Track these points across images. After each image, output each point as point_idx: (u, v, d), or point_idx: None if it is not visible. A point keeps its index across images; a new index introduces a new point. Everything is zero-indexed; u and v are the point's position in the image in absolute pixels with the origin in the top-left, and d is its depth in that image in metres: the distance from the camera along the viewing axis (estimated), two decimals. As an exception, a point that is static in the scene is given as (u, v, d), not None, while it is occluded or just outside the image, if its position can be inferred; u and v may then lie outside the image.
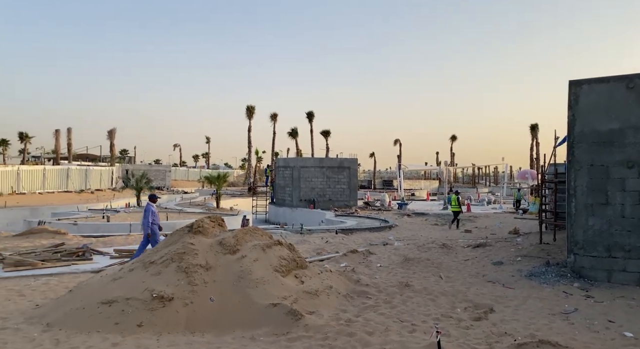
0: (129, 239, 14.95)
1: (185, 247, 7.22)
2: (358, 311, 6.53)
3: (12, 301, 7.18)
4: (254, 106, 55.22)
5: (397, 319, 6.16)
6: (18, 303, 7.03)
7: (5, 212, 24.53)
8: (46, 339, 5.19)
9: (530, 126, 64.24)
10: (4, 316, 6.23)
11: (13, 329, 5.63)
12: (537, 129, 63.70)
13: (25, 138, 56.97)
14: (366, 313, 6.39)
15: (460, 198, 21.69)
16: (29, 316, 6.20)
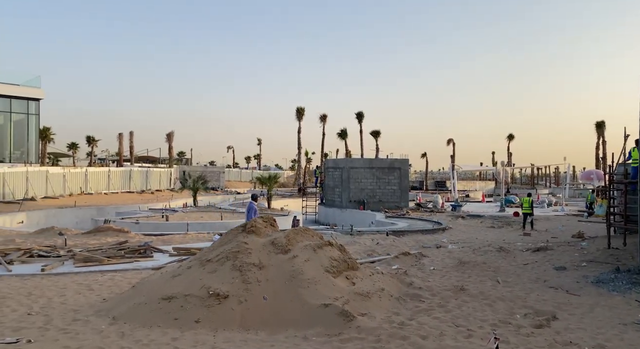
0: (187, 237, 15.58)
1: (239, 247, 7.41)
2: (411, 314, 6.41)
3: (82, 294, 7.69)
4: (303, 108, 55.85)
5: (452, 323, 5.98)
6: (87, 297, 7.52)
7: (75, 211, 26.34)
8: (113, 332, 5.51)
9: (595, 124, 60.35)
10: (75, 308, 6.69)
11: (83, 320, 6.02)
12: (603, 126, 59.71)
13: (92, 142, 60.98)
14: (419, 317, 6.26)
15: (533, 200, 20.86)
16: (97, 309, 6.60)
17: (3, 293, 7.70)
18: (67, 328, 5.68)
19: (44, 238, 14.83)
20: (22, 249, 11.57)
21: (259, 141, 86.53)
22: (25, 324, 5.85)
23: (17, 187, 27.36)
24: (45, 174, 30.52)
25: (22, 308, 6.73)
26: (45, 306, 6.85)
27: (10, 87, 34.55)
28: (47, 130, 48.94)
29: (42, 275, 9.33)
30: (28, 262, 10.54)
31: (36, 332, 5.50)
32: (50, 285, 8.41)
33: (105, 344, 5.06)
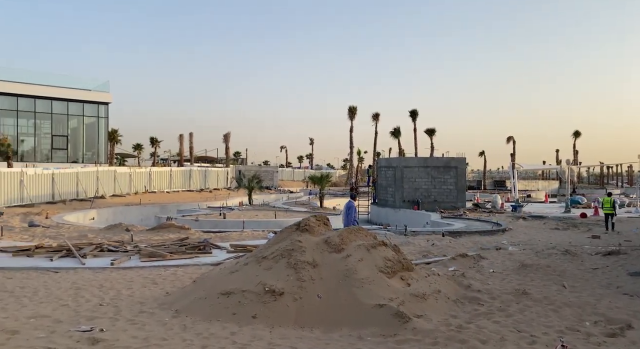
0: (243, 235, 16.02)
1: (293, 245, 7.51)
2: (469, 317, 6.20)
3: (147, 288, 8.13)
4: (355, 107, 55.67)
5: (513, 328, 5.72)
6: (152, 290, 7.93)
7: (140, 208, 27.91)
8: (175, 325, 5.77)
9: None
10: (141, 300, 7.08)
11: (149, 313, 6.36)
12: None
13: (155, 143, 64.27)
14: (478, 320, 6.04)
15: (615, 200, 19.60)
16: (161, 302, 6.95)
17: (78, 284, 8.31)
18: (135, 319, 6.02)
19: (113, 234, 15.82)
20: (94, 244, 12.42)
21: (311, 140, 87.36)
22: (97, 314, 6.27)
23: (88, 185, 29.42)
24: (114, 174, 32.57)
25: (94, 299, 7.22)
26: (115, 297, 7.30)
27: (83, 93, 37.24)
28: (115, 132, 52.21)
29: (112, 268, 9.95)
30: (99, 256, 11.29)
31: (107, 322, 5.87)
32: (119, 278, 8.96)
33: (168, 336, 5.31)
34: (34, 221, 18.36)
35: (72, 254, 11.01)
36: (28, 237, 14.84)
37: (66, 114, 36.89)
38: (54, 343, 4.94)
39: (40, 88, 34.79)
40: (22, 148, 35.25)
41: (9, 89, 33.22)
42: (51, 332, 5.38)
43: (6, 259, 10.67)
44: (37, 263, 10.32)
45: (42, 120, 36.08)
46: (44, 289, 7.85)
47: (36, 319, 5.95)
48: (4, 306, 6.67)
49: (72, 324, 5.74)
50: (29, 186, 24.76)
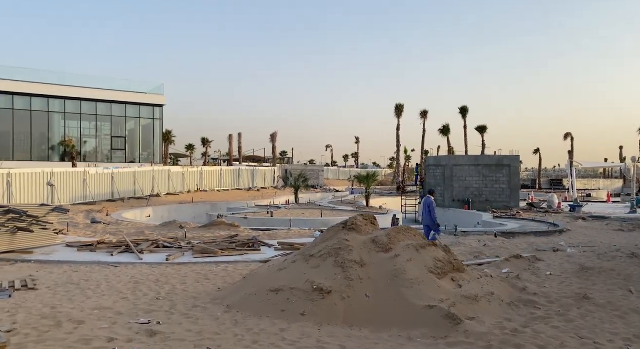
0: (290, 233, 16.22)
1: (340, 243, 7.51)
2: (525, 321, 5.94)
3: (200, 283, 8.41)
4: (403, 104, 54.76)
5: (574, 334, 5.42)
6: (205, 285, 8.20)
7: (193, 206, 28.94)
8: (227, 320, 5.94)
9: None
10: (195, 295, 7.33)
11: (202, 307, 6.58)
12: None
13: (206, 143, 66.48)
14: (535, 325, 5.77)
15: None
16: (213, 297, 7.17)
17: (136, 278, 8.73)
18: (189, 313, 6.25)
19: (168, 231, 16.50)
20: (150, 240, 13.02)
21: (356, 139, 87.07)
22: (154, 307, 6.57)
23: (145, 184, 30.87)
24: (168, 173, 33.98)
25: (151, 293, 7.56)
26: (170, 292, 7.61)
27: (139, 96, 39.12)
28: (169, 133, 54.47)
29: (167, 264, 10.38)
30: (155, 252, 11.81)
31: (163, 315, 6.13)
32: (173, 273, 9.33)
33: (221, 330, 5.46)
34: (95, 218, 19.50)
35: (130, 249, 11.59)
36: (91, 233, 15.79)
37: (124, 117, 38.91)
38: (116, 334, 5.22)
39: (101, 92, 36.91)
40: (85, 149, 37.54)
41: (74, 93, 35.51)
42: (113, 323, 5.69)
43: (73, 254, 11.40)
44: (99, 257, 10.96)
45: (102, 122, 38.25)
46: (105, 283, 8.32)
47: (99, 310, 6.32)
48: (71, 298, 7.13)
49: (131, 316, 6.05)
50: (91, 185, 26.34)
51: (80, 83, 36.26)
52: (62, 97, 35.29)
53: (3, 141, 33.42)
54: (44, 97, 34.52)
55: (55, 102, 35.25)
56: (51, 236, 12.44)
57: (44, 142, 35.60)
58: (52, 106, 35.23)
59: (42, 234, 11.94)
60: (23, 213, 11.50)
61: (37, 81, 34.22)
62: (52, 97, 34.82)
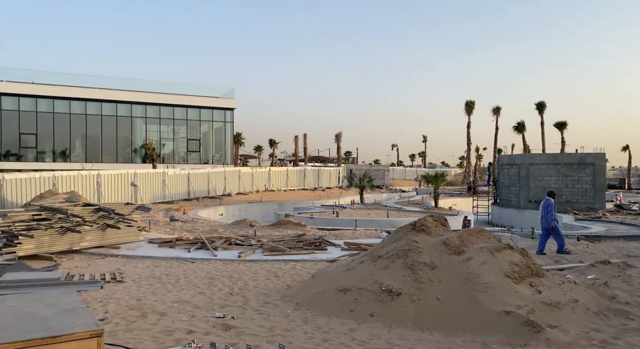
0: (356, 233, 16.19)
1: (409, 245, 7.37)
2: (616, 332, 5.45)
3: (270, 280, 8.65)
4: (473, 101, 52.60)
5: (675, 352, 4.89)
6: (274, 283, 8.42)
7: (261, 205, 29.87)
8: (297, 317, 6.06)
9: None
10: (266, 292, 7.56)
11: (273, 304, 6.77)
12: None
13: (273, 144, 68.28)
14: (628, 336, 5.28)
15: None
16: (283, 294, 7.34)
17: (211, 274, 9.18)
18: (261, 309, 6.46)
19: (239, 229, 17.16)
20: (224, 238, 13.61)
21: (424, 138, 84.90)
22: (229, 302, 6.86)
23: (217, 184, 32.38)
24: (238, 174, 35.38)
25: (225, 288, 7.90)
26: (243, 288, 7.91)
27: (212, 100, 41.14)
28: (239, 135, 56.63)
29: (239, 261, 10.80)
30: (228, 249, 12.34)
31: (237, 310, 6.39)
32: (245, 270, 9.69)
33: (291, 327, 5.58)
34: (174, 216, 20.76)
35: (205, 246, 12.21)
36: (170, 230, 16.83)
37: (198, 120, 41.10)
38: (194, 327, 5.52)
39: (178, 97, 39.31)
40: (163, 151, 40.15)
41: (154, 99, 38.17)
42: (191, 316, 6.02)
43: (154, 249, 12.23)
44: (177, 253, 11.65)
45: (179, 126, 40.69)
46: (184, 277, 8.83)
47: (179, 303, 6.72)
48: (154, 291, 7.65)
49: (208, 310, 6.37)
50: (169, 185, 28.10)
51: (159, 89, 38.92)
52: (144, 103, 38.07)
53: (93, 144, 36.66)
54: (128, 104, 37.43)
55: (137, 108, 38.09)
56: (135, 232, 13.42)
57: (127, 145, 38.55)
58: (135, 111, 38.09)
59: (127, 230, 12.93)
60: (111, 211, 12.52)
61: (122, 89, 37.17)
62: (135, 103, 37.67)
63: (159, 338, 5.08)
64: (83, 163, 32.96)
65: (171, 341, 4.97)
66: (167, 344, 4.88)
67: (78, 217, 11.62)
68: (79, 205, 12.63)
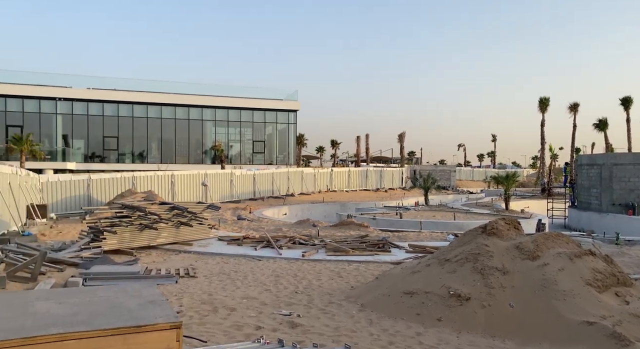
0: (420, 235, 15.84)
1: (479, 248, 7.09)
2: None
3: (334, 280, 8.70)
4: (548, 98, 49.43)
5: None
6: (338, 283, 8.46)
7: (323, 206, 30.14)
8: (362, 318, 6.04)
9: None
10: (330, 292, 7.61)
11: (337, 304, 6.80)
12: None
13: (335, 145, 68.60)
14: None
15: None
16: (347, 295, 7.35)
17: (277, 272, 9.40)
18: (325, 308, 6.51)
19: (302, 228, 17.44)
20: (288, 237, 13.89)
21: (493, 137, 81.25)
22: (294, 300, 6.99)
23: (281, 184, 33.14)
24: (301, 174, 35.98)
25: (290, 286, 8.06)
26: (307, 287, 8.02)
27: (276, 102, 42.21)
28: (302, 136, 57.54)
29: (303, 260, 10.97)
30: (292, 248, 12.58)
31: (302, 309, 6.49)
32: (309, 269, 9.82)
33: (357, 328, 5.58)
34: (241, 215, 21.53)
35: (271, 245, 12.53)
36: (237, 228, 17.47)
37: (263, 122, 42.33)
38: (262, 323, 5.69)
39: (245, 101, 40.78)
40: (231, 152, 41.78)
41: (223, 103, 39.93)
42: (259, 312, 6.21)
43: (223, 247, 12.76)
44: (245, 251, 12.06)
45: (245, 128, 42.17)
46: (251, 274, 9.12)
47: (247, 300, 6.95)
48: (224, 286, 7.98)
49: (274, 307, 6.53)
50: (236, 185, 29.21)
51: (228, 93, 40.62)
52: (214, 107, 39.91)
53: (167, 146, 38.98)
54: (199, 108, 39.44)
55: (207, 112, 39.99)
56: (206, 230, 14.08)
57: (198, 147, 40.56)
58: (205, 114, 40.02)
59: (199, 228, 13.60)
60: (185, 210, 13.24)
61: (194, 93, 39.23)
62: (205, 107, 39.61)
63: (229, 332, 5.29)
64: (159, 164, 35.16)
65: (241, 336, 5.16)
66: (237, 338, 5.06)
67: (155, 215, 12.41)
68: (155, 203, 13.48)
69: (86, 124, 36.24)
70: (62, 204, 21.15)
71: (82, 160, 36.10)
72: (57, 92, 35.16)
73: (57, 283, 7.74)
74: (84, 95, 35.99)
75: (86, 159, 36.55)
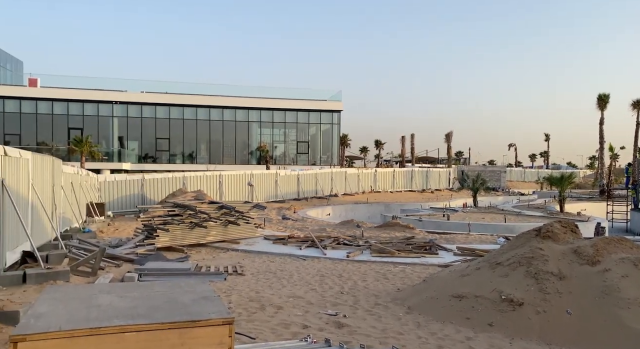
0: (469, 238, 15.39)
1: (533, 252, 6.81)
2: None
3: (380, 282, 8.62)
4: (607, 94, 46.64)
5: None
6: (384, 284, 8.37)
7: (367, 206, 29.96)
8: (410, 321, 5.94)
9: None
10: (375, 293, 7.55)
11: (383, 306, 6.73)
12: None
13: (379, 145, 68.05)
14: None
15: None
16: (393, 297, 7.26)
17: (322, 272, 9.44)
18: (372, 310, 6.46)
19: (346, 229, 17.41)
20: (332, 237, 13.92)
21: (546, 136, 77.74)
22: (340, 301, 6.99)
23: (325, 185, 33.26)
24: (344, 174, 35.94)
25: (336, 286, 8.06)
26: (353, 288, 7.99)
27: (320, 103, 42.45)
28: (345, 136, 57.56)
29: (347, 261, 10.95)
30: (336, 248, 12.58)
31: (348, 309, 6.47)
32: (354, 270, 9.79)
33: (404, 331, 5.50)
34: (285, 215, 21.81)
35: (315, 245, 12.60)
36: (282, 228, 17.71)
37: (307, 123, 42.68)
38: (309, 322, 5.73)
39: (289, 102, 41.32)
40: (275, 153, 42.44)
41: (268, 104, 40.69)
42: (305, 311, 6.25)
43: (269, 246, 12.97)
44: (290, 250, 12.20)
45: (289, 129, 42.70)
46: (296, 274, 9.21)
47: (293, 298, 7.03)
48: (270, 285, 8.11)
49: (320, 307, 6.56)
50: (281, 185, 29.62)
51: (273, 95, 41.33)
52: (259, 108, 40.72)
53: (215, 147, 40.16)
54: (245, 109, 40.37)
55: (253, 113, 40.86)
56: (253, 229, 14.37)
57: (244, 147, 41.52)
58: (251, 116, 40.91)
59: (246, 227, 13.90)
60: (232, 209, 13.57)
61: (240, 95, 40.18)
62: (251, 108, 40.48)
63: (277, 330, 5.36)
64: (207, 164, 36.31)
65: (288, 334, 5.22)
66: (284, 336, 5.13)
67: (205, 214, 12.81)
68: (205, 202, 13.92)
69: (140, 126, 38.01)
70: (118, 202, 22.31)
71: (136, 161, 37.91)
72: (113, 96, 37.14)
73: (115, 278, 8.16)
74: (138, 98, 37.79)
75: (140, 159, 38.33)
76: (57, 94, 35.63)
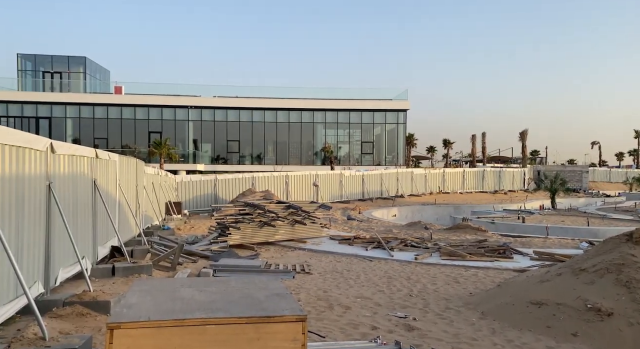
0: (547, 242, 14.46)
1: (623, 259, 6.26)
2: None
3: (450, 285, 8.34)
4: None
5: None
6: (455, 288, 8.09)
7: (435, 208, 29.12)
8: (484, 326, 5.69)
9: None
10: (446, 297, 7.32)
11: (455, 310, 6.51)
12: None
13: (448, 144, 65.86)
14: None
15: None
16: (465, 301, 6.99)
17: (389, 273, 9.32)
18: (442, 314, 6.27)
19: (413, 231, 17.05)
20: (399, 239, 13.70)
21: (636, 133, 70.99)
22: (409, 303, 6.86)
23: (390, 185, 32.83)
24: (411, 175, 35.23)
25: (404, 289, 7.93)
26: (422, 291, 7.81)
27: (385, 102, 41.98)
28: (411, 136, 56.37)
29: (415, 263, 10.72)
30: (404, 250, 12.36)
31: (418, 312, 6.34)
32: (422, 272, 9.56)
33: (478, 336, 5.28)
34: (350, 215, 21.82)
35: (381, 246, 12.47)
36: (347, 228, 17.73)
37: (372, 123, 42.39)
38: (377, 323, 5.68)
39: (353, 102, 41.31)
40: (339, 154, 42.61)
41: (332, 105, 40.98)
42: (374, 313, 6.21)
43: (335, 246, 13.05)
44: (356, 251, 12.19)
45: (353, 129, 42.65)
46: (363, 274, 9.18)
47: (361, 299, 7.00)
48: (337, 284, 8.15)
49: (389, 308, 6.48)
50: (345, 185, 29.68)
51: (337, 96, 41.59)
52: (324, 110, 41.15)
53: (282, 149, 41.15)
54: (310, 111, 40.97)
55: (318, 115, 41.35)
56: (319, 229, 14.54)
57: (309, 148, 42.11)
58: (316, 117, 41.43)
59: (312, 226, 14.09)
60: (299, 208, 13.83)
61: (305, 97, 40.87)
62: (316, 110, 41.02)
63: (346, 330, 5.38)
64: (274, 165, 37.29)
65: (357, 335, 5.21)
66: (354, 336, 5.13)
67: (273, 213, 13.16)
68: (273, 202, 14.31)
69: (212, 129, 39.94)
70: (193, 201, 23.60)
71: (209, 162, 39.89)
72: (188, 101, 39.36)
73: (192, 273, 8.63)
74: (211, 103, 39.76)
75: (212, 161, 40.26)
76: (139, 100, 38.48)
